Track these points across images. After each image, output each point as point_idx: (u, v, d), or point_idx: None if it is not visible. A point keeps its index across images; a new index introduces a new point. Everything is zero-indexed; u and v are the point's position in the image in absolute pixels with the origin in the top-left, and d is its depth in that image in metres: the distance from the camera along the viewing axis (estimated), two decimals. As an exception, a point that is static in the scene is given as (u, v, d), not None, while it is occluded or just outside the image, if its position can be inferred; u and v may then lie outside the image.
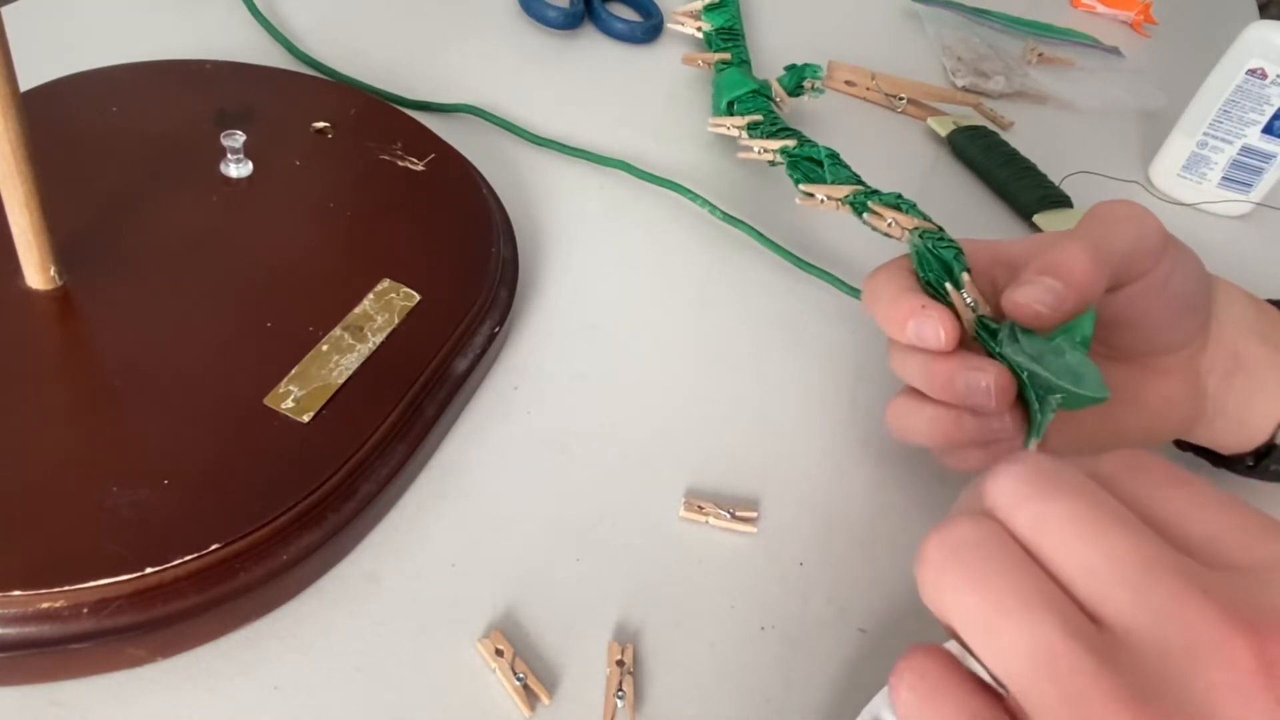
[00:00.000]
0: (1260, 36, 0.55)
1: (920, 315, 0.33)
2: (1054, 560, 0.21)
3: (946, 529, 0.22)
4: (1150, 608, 0.19)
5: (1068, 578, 0.21)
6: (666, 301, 0.45)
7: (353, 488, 0.32)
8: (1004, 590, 0.20)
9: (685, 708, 0.31)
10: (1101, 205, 0.35)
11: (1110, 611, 0.20)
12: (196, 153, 0.41)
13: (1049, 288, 0.32)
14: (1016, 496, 0.22)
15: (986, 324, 0.34)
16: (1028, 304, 0.32)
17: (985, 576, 0.21)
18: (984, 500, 0.23)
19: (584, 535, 0.35)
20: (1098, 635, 0.20)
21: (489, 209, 0.43)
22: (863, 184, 0.42)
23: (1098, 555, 0.20)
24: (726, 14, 0.59)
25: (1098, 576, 0.20)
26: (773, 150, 0.46)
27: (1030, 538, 0.21)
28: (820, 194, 0.42)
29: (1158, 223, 0.34)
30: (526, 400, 0.39)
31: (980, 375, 0.33)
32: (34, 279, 0.34)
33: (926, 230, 0.38)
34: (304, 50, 0.53)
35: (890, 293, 0.35)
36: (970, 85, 0.66)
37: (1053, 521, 0.21)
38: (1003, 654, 0.20)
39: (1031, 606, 0.20)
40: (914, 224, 0.38)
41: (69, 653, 0.27)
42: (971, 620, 0.21)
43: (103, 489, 0.29)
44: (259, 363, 0.34)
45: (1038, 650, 0.19)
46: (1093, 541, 0.20)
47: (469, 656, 0.31)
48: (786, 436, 0.40)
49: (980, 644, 0.21)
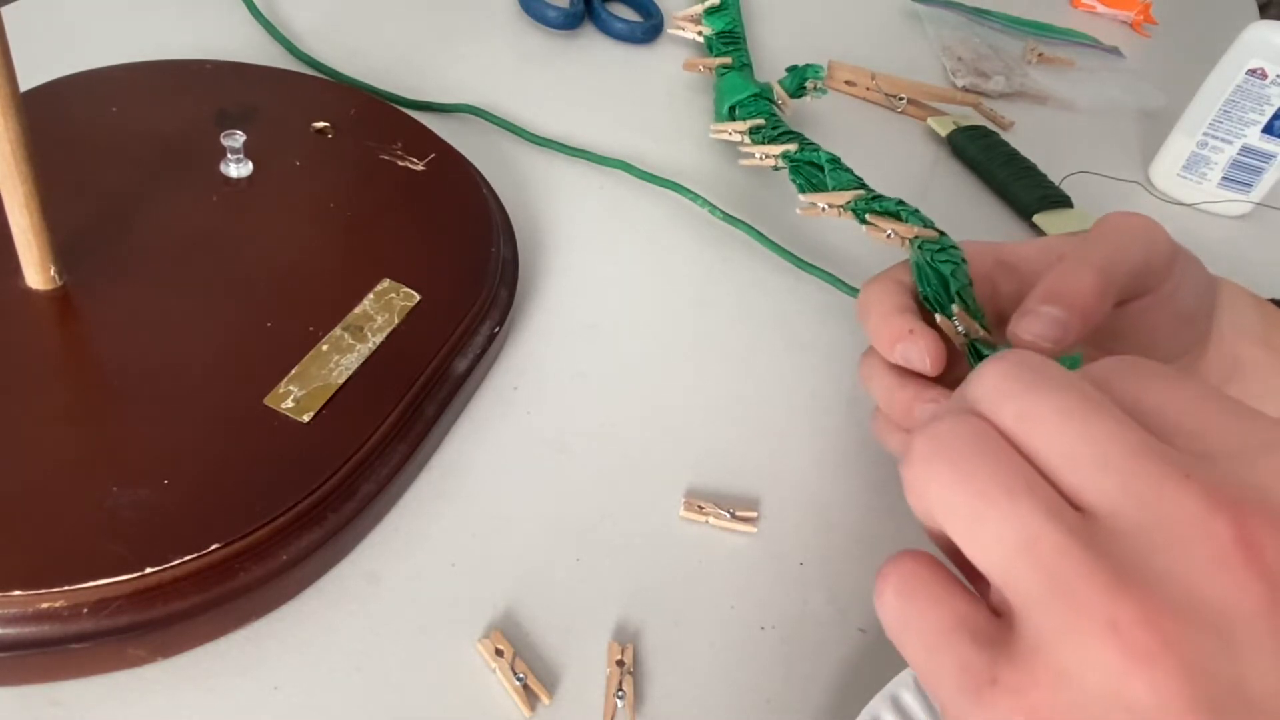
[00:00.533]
0: (1260, 36, 0.56)
1: (908, 340, 0.34)
2: (1038, 451, 0.21)
3: (932, 425, 0.22)
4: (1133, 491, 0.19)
5: (1052, 467, 0.21)
6: (666, 301, 0.45)
7: (353, 488, 0.32)
8: (988, 480, 0.20)
9: (685, 708, 0.31)
10: (1112, 218, 0.35)
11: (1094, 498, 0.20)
12: (196, 153, 0.41)
13: (1054, 320, 0.31)
14: (1000, 392, 0.22)
15: (979, 349, 0.34)
16: (1033, 341, 0.32)
17: (970, 468, 0.21)
18: (969, 399, 0.23)
19: (584, 535, 0.35)
20: (1081, 520, 0.20)
21: (489, 209, 0.43)
22: (865, 188, 0.42)
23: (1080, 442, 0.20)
24: (727, 17, 0.59)
25: (1081, 463, 0.20)
26: (774, 156, 0.46)
27: (1015, 430, 0.21)
28: (821, 203, 0.42)
29: (1168, 237, 0.34)
30: (526, 400, 0.39)
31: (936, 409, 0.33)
32: (34, 279, 0.34)
33: (926, 240, 0.37)
34: (304, 50, 0.53)
35: (882, 310, 0.35)
36: (970, 85, 0.66)
37: (1036, 413, 0.21)
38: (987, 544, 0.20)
39: (1015, 494, 0.20)
40: (913, 233, 0.38)
41: (69, 653, 0.27)
42: (956, 512, 0.21)
43: (103, 489, 0.29)
44: (259, 363, 0.34)
45: (1022, 536, 0.20)
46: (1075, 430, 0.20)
47: (469, 656, 0.31)
48: (786, 436, 0.40)
49: (965, 535, 0.21)
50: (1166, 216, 0.60)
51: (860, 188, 0.42)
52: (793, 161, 0.45)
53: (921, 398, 0.34)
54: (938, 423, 0.22)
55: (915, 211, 0.40)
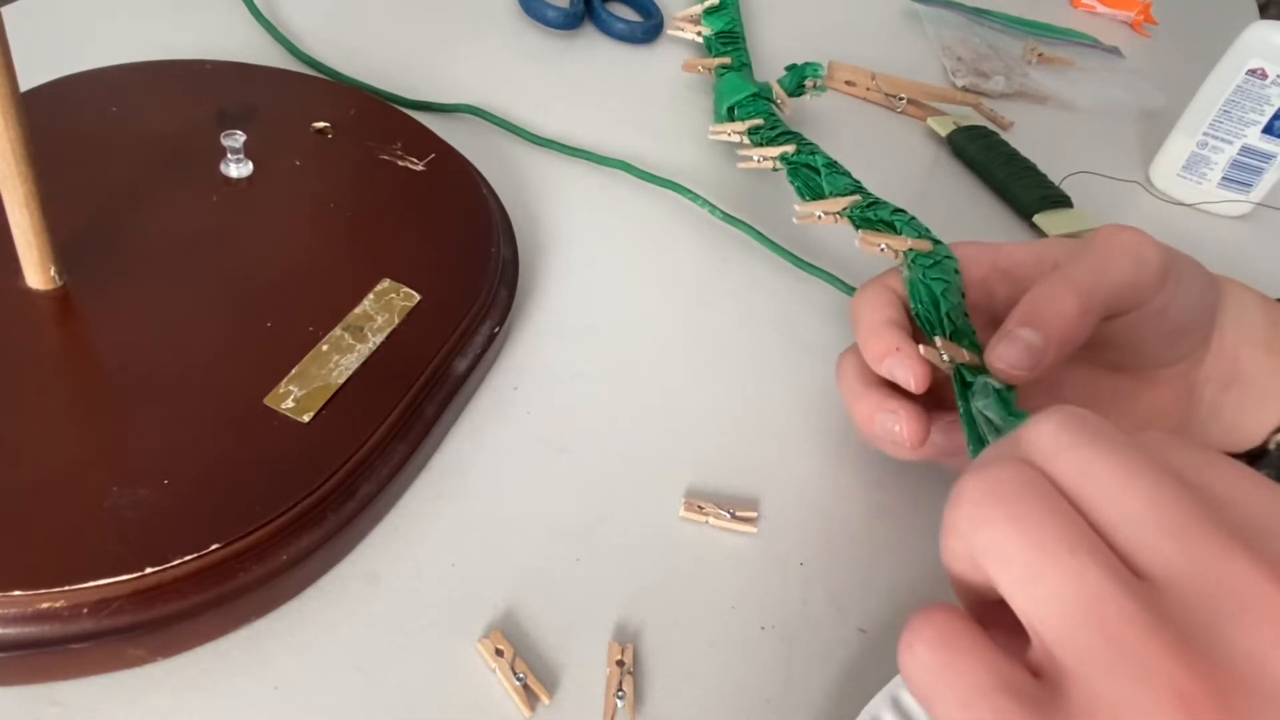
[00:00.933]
0: (1260, 36, 0.56)
1: (895, 357, 0.34)
2: (1096, 508, 0.20)
3: (986, 469, 0.21)
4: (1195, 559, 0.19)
5: (1110, 526, 0.20)
6: (666, 301, 0.45)
7: (353, 488, 0.32)
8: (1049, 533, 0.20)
9: (685, 708, 0.31)
10: (1104, 232, 0.34)
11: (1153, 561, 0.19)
12: (196, 153, 0.41)
13: (1028, 347, 0.31)
14: (1059, 443, 0.21)
15: (963, 375, 0.34)
16: (1005, 369, 0.32)
17: (1030, 517, 0.20)
18: (1022, 447, 0.22)
19: (584, 535, 0.35)
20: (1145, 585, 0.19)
21: (489, 209, 0.43)
22: (862, 191, 0.42)
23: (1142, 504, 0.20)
24: (726, 17, 0.59)
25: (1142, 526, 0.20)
26: (772, 158, 0.46)
27: (1073, 484, 0.21)
28: (818, 210, 0.42)
29: (1159, 254, 0.33)
30: (526, 400, 0.39)
31: (892, 419, 0.34)
32: (34, 279, 0.34)
33: (920, 254, 0.37)
34: (304, 50, 0.53)
35: (871, 322, 0.35)
36: (970, 85, 0.66)
37: (1096, 468, 0.20)
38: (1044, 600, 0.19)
39: (1077, 551, 0.19)
40: (907, 245, 0.38)
41: (69, 653, 0.27)
42: (1012, 562, 0.20)
43: (103, 489, 0.29)
44: (259, 363, 0.34)
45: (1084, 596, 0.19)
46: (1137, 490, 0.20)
47: (469, 656, 0.31)
48: (786, 436, 0.40)
49: (1019, 589, 0.20)
50: (1166, 216, 0.60)
51: (857, 191, 0.42)
52: (790, 164, 0.45)
53: (882, 407, 0.34)
54: (993, 467, 0.21)
55: (910, 220, 0.39)
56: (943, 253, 0.37)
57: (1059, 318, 0.32)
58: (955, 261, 0.37)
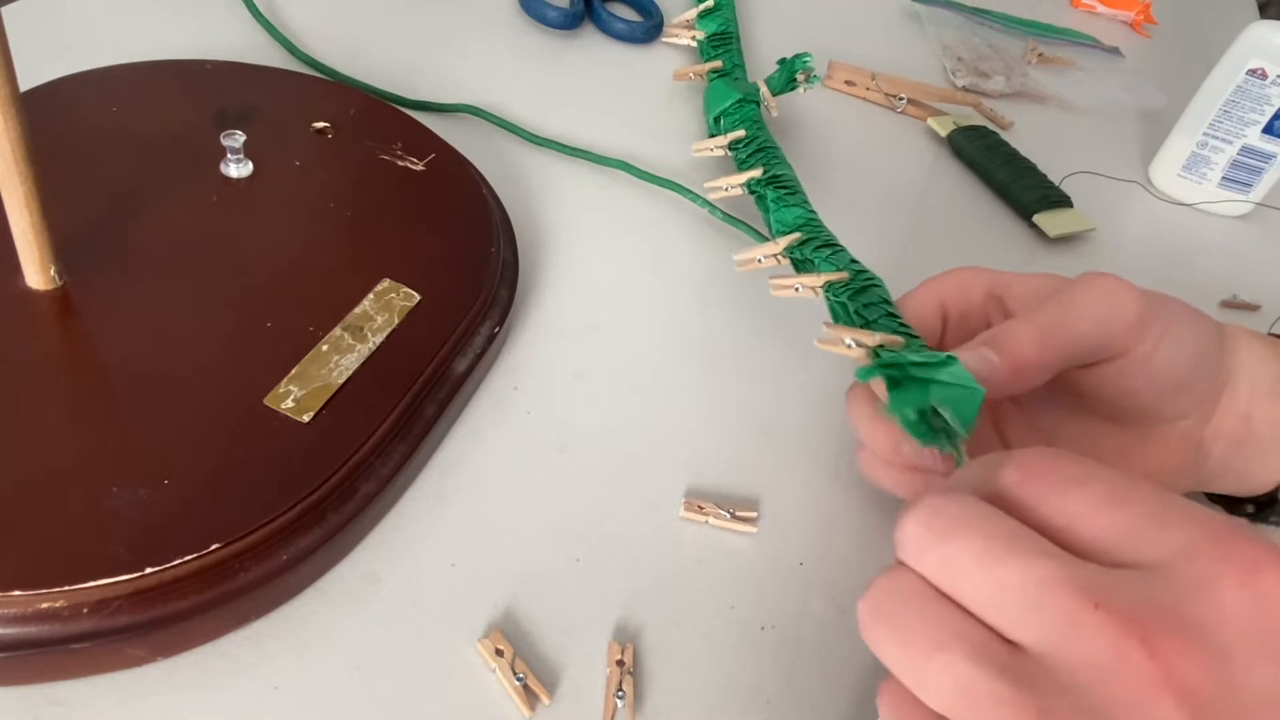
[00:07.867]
0: (1260, 36, 0.56)
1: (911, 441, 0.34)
2: (964, 597, 0.22)
3: (870, 589, 0.24)
4: (1050, 629, 0.21)
5: (979, 610, 0.22)
6: (666, 301, 0.45)
7: (353, 488, 0.32)
8: (920, 637, 0.22)
9: (685, 708, 0.31)
10: (1085, 275, 0.33)
11: (1021, 637, 0.21)
12: (196, 153, 0.41)
13: (984, 359, 0.31)
14: (919, 544, 0.23)
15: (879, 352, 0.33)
16: None
17: (903, 627, 0.22)
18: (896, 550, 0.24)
19: (584, 535, 0.35)
20: (1013, 660, 0.21)
21: (489, 209, 0.43)
22: (809, 224, 0.41)
23: (996, 586, 0.22)
24: (720, 19, 0.59)
25: (1002, 606, 0.22)
26: (739, 185, 0.46)
27: (940, 581, 0.23)
28: (757, 255, 0.41)
29: (1137, 301, 0.32)
30: (526, 400, 0.39)
31: None
32: (34, 279, 0.34)
33: (835, 284, 0.37)
34: (304, 50, 0.53)
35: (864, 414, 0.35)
36: (970, 85, 0.66)
37: (953, 561, 0.22)
38: (933, 696, 0.22)
39: (944, 645, 0.21)
40: (822, 280, 0.37)
41: (69, 653, 0.27)
42: (904, 672, 0.22)
43: (103, 489, 0.29)
44: (259, 363, 0.34)
45: (956, 685, 0.21)
46: (991, 575, 0.22)
47: (469, 656, 0.31)
48: (786, 436, 0.40)
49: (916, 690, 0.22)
50: (1166, 216, 0.60)
51: (806, 222, 0.41)
52: (754, 192, 0.45)
53: None
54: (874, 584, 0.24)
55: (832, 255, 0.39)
56: (864, 281, 0.37)
57: (1016, 349, 0.31)
58: (883, 290, 0.36)
